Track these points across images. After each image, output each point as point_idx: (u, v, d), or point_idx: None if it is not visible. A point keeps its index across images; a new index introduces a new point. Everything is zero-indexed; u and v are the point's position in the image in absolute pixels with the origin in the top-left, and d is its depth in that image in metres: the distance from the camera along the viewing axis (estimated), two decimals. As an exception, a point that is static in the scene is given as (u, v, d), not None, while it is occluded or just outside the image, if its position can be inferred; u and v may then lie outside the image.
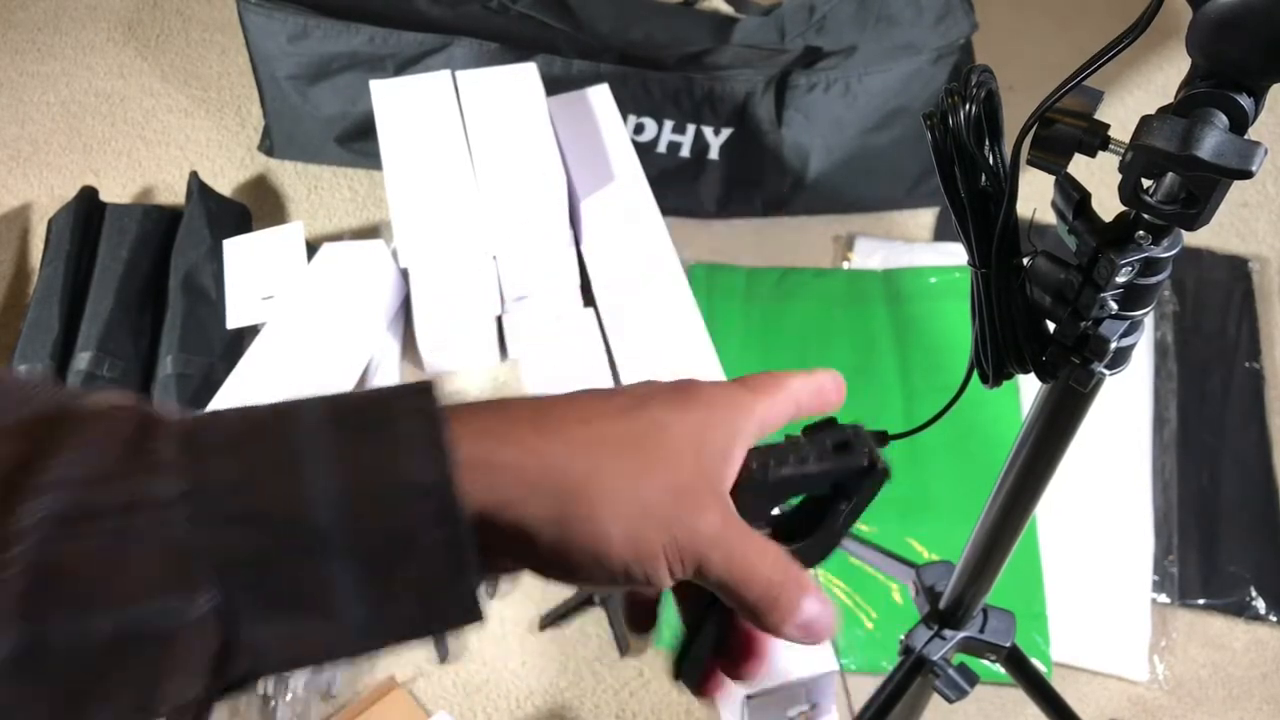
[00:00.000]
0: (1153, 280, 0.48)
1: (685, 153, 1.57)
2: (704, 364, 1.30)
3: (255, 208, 1.62)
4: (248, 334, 1.41)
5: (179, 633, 0.29)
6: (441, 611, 0.31)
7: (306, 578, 0.29)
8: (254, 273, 1.45)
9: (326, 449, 0.30)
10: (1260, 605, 1.23)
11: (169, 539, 0.28)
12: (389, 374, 1.40)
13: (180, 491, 0.29)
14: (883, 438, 0.64)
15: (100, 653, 0.28)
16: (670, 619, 0.38)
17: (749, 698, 1.02)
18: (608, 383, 1.32)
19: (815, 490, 0.35)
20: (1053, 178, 0.47)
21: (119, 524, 0.28)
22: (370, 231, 1.61)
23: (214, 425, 0.31)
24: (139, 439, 0.30)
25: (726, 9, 1.79)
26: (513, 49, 1.52)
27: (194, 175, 1.57)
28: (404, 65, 1.53)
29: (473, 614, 0.32)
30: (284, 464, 0.30)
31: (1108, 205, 0.43)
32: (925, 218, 1.62)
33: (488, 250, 1.38)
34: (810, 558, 0.36)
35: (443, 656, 1.20)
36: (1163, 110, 0.41)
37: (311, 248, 1.47)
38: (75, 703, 0.28)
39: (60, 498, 0.28)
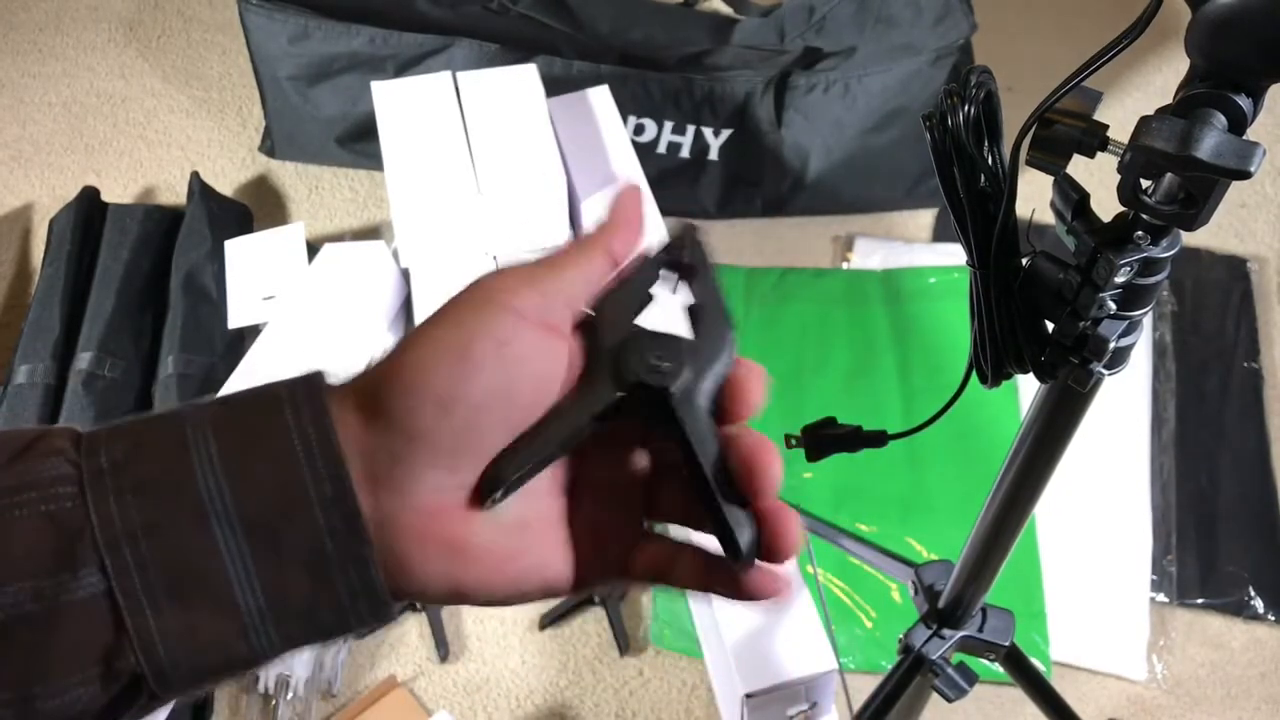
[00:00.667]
0: (1151, 280, 0.48)
1: (685, 153, 1.57)
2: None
3: (256, 208, 1.62)
4: (249, 334, 1.42)
5: (62, 615, 0.28)
6: (335, 587, 0.30)
7: (195, 551, 0.29)
8: (255, 273, 1.45)
9: (212, 422, 0.30)
10: (1258, 604, 1.23)
11: (53, 516, 0.28)
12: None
13: (67, 472, 0.29)
14: (882, 437, 0.65)
15: None
16: (662, 614, 0.37)
17: (748, 696, 1.02)
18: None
19: (650, 276, 0.34)
20: (1052, 178, 0.47)
21: (4, 505, 0.28)
22: (371, 232, 1.61)
23: (110, 424, 0.30)
24: (35, 439, 0.29)
25: (726, 10, 1.79)
26: (513, 50, 1.52)
27: (195, 176, 1.57)
28: (404, 66, 1.54)
29: (372, 595, 0.30)
30: (170, 440, 0.29)
31: (1107, 206, 0.43)
32: (925, 218, 1.62)
33: (488, 250, 1.38)
34: (713, 344, 0.34)
35: (443, 656, 1.20)
36: (1161, 111, 0.41)
37: (312, 248, 1.47)
38: None
39: None
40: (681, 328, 0.34)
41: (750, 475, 0.32)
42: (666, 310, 0.35)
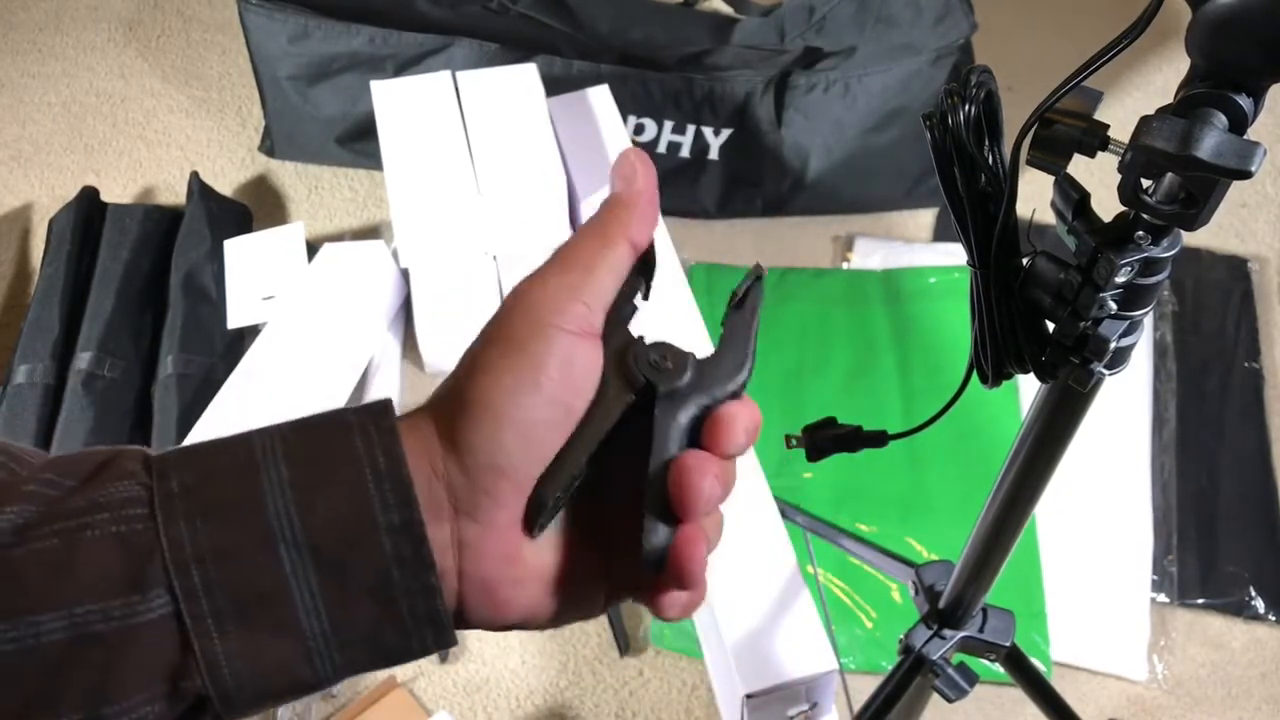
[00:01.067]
0: (1152, 280, 0.48)
1: (685, 153, 1.57)
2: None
3: (256, 208, 1.62)
4: (248, 334, 1.42)
5: (130, 636, 0.28)
6: (400, 614, 0.30)
7: (262, 576, 0.29)
8: (255, 273, 1.45)
9: (283, 448, 0.30)
10: (1259, 605, 1.23)
11: (124, 538, 0.28)
12: (389, 374, 1.40)
13: (138, 494, 0.29)
14: (882, 437, 0.65)
15: (47, 657, 0.27)
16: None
17: (749, 697, 1.02)
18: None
19: (633, 281, 0.35)
20: (1052, 178, 0.47)
21: (76, 525, 0.28)
22: (370, 231, 1.61)
23: (181, 448, 0.31)
24: (107, 461, 0.30)
25: (726, 9, 1.79)
26: (513, 49, 1.52)
27: (195, 175, 1.57)
28: (404, 66, 1.54)
29: (437, 622, 0.31)
30: (241, 466, 0.30)
31: (1107, 205, 0.43)
32: (925, 218, 1.62)
33: (488, 250, 1.38)
34: (722, 369, 0.34)
35: (443, 656, 1.20)
36: (1162, 110, 0.41)
37: (312, 248, 1.47)
38: (20, 714, 0.27)
39: (25, 510, 0.28)
40: (700, 348, 0.35)
41: (675, 490, 0.32)
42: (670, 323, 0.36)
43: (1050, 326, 0.53)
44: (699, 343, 1.30)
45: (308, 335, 1.34)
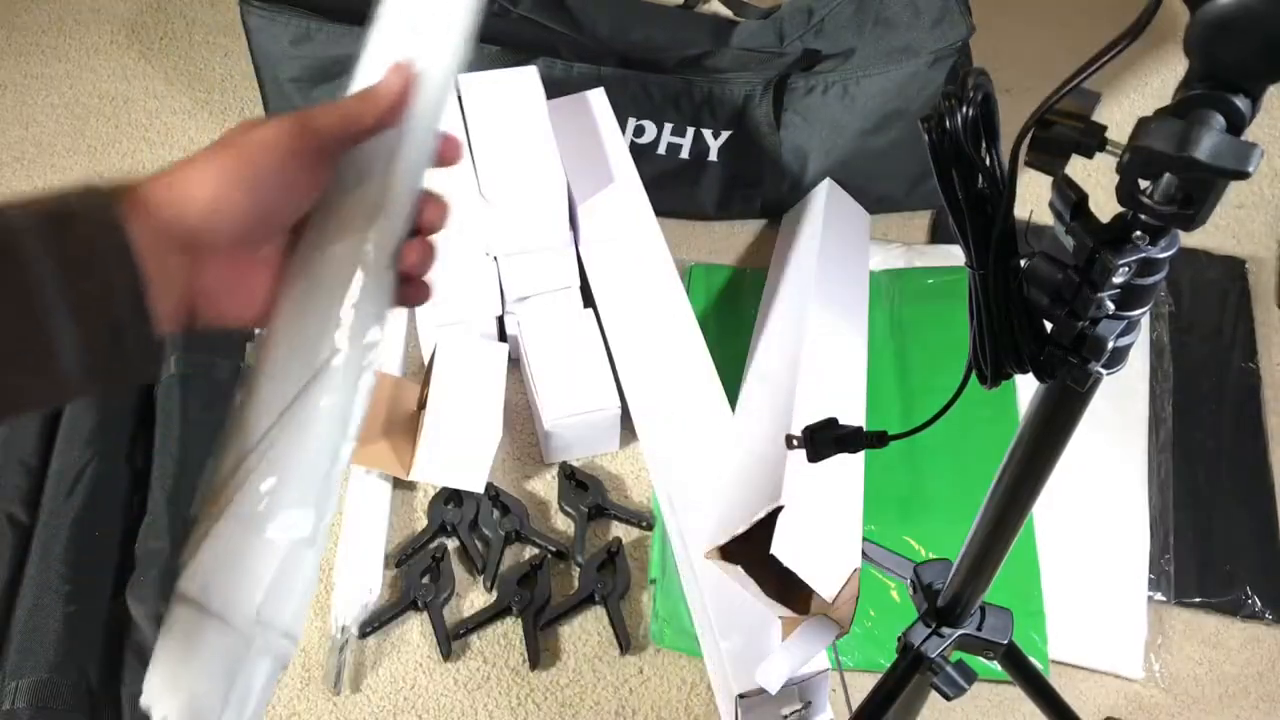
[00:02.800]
0: (1150, 280, 0.49)
1: (685, 155, 1.58)
2: (699, 364, 1.30)
3: (257, 209, 1.62)
4: (250, 334, 1.42)
5: None
6: (121, 323, 0.43)
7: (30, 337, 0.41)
8: (256, 273, 1.45)
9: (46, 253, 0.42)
10: (1256, 603, 1.24)
11: None
12: (389, 374, 1.41)
13: None
14: (883, 437, 0.65)
15: None
16: (662, 612, 0.37)
17: (741, 697, 1.03)
18: (609, 380, 1.32)
19: None
20: (1050, 179, 0.48)
21: None
22: (371, 233, 1.61)
23: None
24: None
25: (725, 12, 1.80)
26: (513, 52, 1.53)
27: (196, 176, 1.57)
28: (405, 67, 1.54)
29: (152, 338, 0.44)
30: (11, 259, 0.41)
31: (1105, 206, 0.44)
32: (923, 219, 1.63)
33: (488, 250, 1.38)
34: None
35: (445, 654, 1.21)
36: (1160, 112, 0.41)
37: (313, 249, 1.47)
38: None
39: None
40: None
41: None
42: None
43: (1048, 326, 0.54)
44: (693, 343, 1.31)
45: (309, 336, 1.34)
